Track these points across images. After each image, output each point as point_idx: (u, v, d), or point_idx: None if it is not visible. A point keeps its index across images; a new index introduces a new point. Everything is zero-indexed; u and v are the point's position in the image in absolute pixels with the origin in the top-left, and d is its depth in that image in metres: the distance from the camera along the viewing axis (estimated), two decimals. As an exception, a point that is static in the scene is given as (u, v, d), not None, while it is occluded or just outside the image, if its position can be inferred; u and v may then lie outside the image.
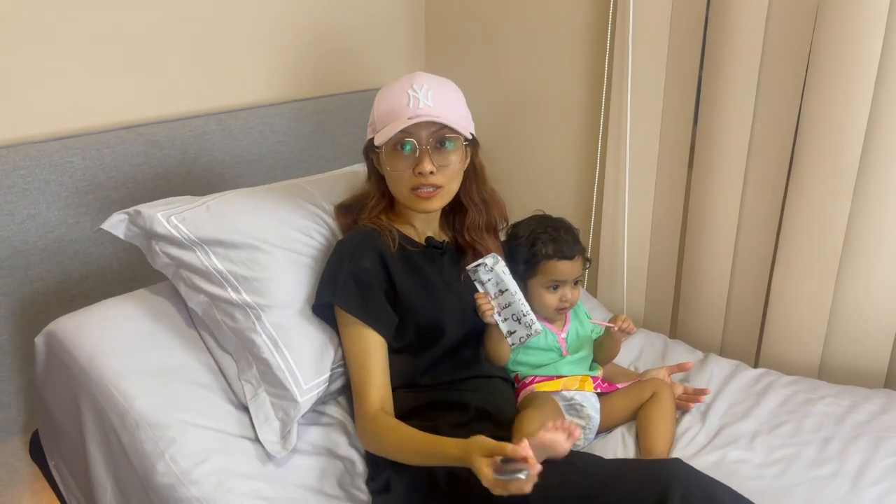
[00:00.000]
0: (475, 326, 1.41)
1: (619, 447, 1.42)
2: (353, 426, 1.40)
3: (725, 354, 1.88)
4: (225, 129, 1.88)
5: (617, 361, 1.68)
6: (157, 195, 1.59)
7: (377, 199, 1.44)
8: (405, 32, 2.36)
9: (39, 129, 1.63)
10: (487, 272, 1.32)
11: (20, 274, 1.60)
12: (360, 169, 1.70)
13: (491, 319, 1.34)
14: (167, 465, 1.25)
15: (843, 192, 1.62)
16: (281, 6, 1.99)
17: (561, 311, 1.52)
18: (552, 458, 1.08)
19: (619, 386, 1.51)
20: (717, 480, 1.11)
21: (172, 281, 1.47)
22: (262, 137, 1.96)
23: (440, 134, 1.33)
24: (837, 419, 1.47)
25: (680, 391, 1.53)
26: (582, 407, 1.42)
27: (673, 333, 2.05)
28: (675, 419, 1.46)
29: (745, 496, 1.13)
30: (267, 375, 1.36)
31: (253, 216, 1.46)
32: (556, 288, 1.50)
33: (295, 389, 1.34)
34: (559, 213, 1.60)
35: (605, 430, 1.47)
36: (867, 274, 1.66)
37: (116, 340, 1.40)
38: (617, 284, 2.07)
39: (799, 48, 1.65)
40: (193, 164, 1.83)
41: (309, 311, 1.41)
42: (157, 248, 1.44)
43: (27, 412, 1.70)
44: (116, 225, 1.45)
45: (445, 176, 1.35)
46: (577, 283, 1.53)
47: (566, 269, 1.49)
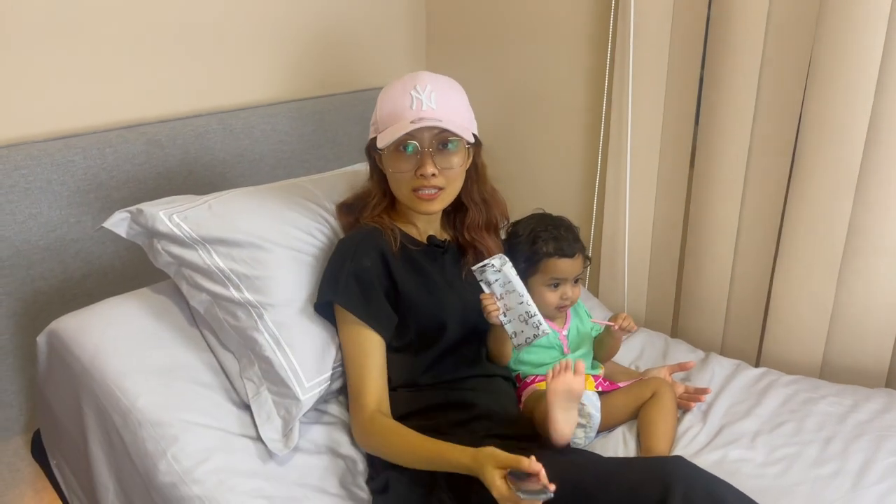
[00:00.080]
0: (477, 325, 1.41)
1: (619, 446, 1.42)
2: (355, 425, 1.40)
3: (726, 354, 1.88)
4: (226, 128, 1.88)
5: (618, 360, 1.68)
6: (158, 194, 1.59)
7: (379, 197, 1.44)
8: (406, 32, 2.36)
9: (41, 128, 1.63)
10: (495, 273, 1.31)
11: (22, 273, 1.60)
12: (361, 168, 1.70)
13: (496, 320, 1.32)
14: (169, 463, 1.25)
15: (844, 191, 1.62)
16: (282, 6, 1.99)
17: (562, 308, 1.53)
18: (575, 399, 1.25)
19: (620, 385, 1.51)
20: (719, 478, 1.11)
21: (174, 280, 1.47)
22: (263, 137, 1.96)
23: (443, 136, 1.32)
24: (839, 418, 1.47)
25: (681, 390, 1.53)
26: (583, 405, 1.42)
27: (674, 332, 2.05)
28: (675, 418, 1.46)
29: (746, 494, 1.12)
30: (269, 374, 1.36)
31: (255, 215, 1.46)
32: (556, 286, 1.50)
33: (297, 388, 1.34)
34: (560, 212, 1.61)
35: (605, 428, 1.47)
36: (869, 273, 1.66)
37: (118, 339, 1.40)
38: (618, 284, 2.07)
39: (800, 47, 1.65)
40: (195, 163, 1.83)
41: (311, 309, 1.41)
42: (158, 246, 1.44)
43: (29, 411, 1.70)
44: (118, 224, 1.45)
45: (447, 178, 1.35)
46: (577, 281, 1.53)
47: (567, 266, 1.50)
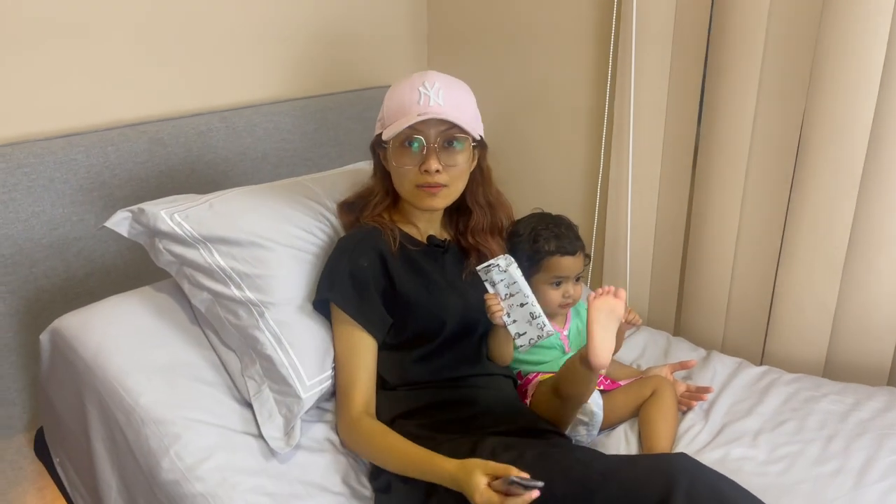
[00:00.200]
0: (477, 325, 1.41)
1: (621, 444, 1.42)
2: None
3: (728, 352, 1.87)
4: (229, 126, 1.88)
5: (619, 358, 1.68)
6: (160, 193, 1.60)
7: (381, 196, 1.44)
8: (408, 31, 2.36)
9: (44, 126, 1.64)
10: (500, 273, 1.30)
11: (25, 271, 1.61)
12: (363, 166, 1.70)
13: (500, 321, 1.31)
14: (172, 461, 1.26)
15: (847, 189, 1.62)
16: (285, 4, 1.99)
17: (563, 307, 1.52)
18: (615, 320, 1.24)
19: (621, 383, 1.51)
20: (722, 475, 1.11)
21: (176, 278, 1.47)
22: (265, 135, 1.96)
23: (449, 133, 1.32)
24: (841, 417, 1.47)
25: (683, 389, 1.53)
26: (585, 403, 1.42)
27: (676, 331, 2.05)
28: (677, 416, 1.46)
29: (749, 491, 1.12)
30: (270, 372, 1.36)
31: (256, 214, 1.46)
32: (559, 284, 1.51)
33: (298, 386, 1.34)
34: (563, 211, 1.61)
35: (607, 427, 1.47)
36: (872, 272, 1.66)
37: (121, 337, 1.41)
38: (620, 282, 2.07)
39: (803, 47, 1.64)
40: (197, 161, 1.83)
41: (311, 308, 1.41)
42: (160, 245, 1.44)
43: (32, 409, 1.71)
44: (120, 223, 1.45)
45: (451, 175, 1.34)
46: (578, 279, 1.53)
47: (569, 264, 1.50)
